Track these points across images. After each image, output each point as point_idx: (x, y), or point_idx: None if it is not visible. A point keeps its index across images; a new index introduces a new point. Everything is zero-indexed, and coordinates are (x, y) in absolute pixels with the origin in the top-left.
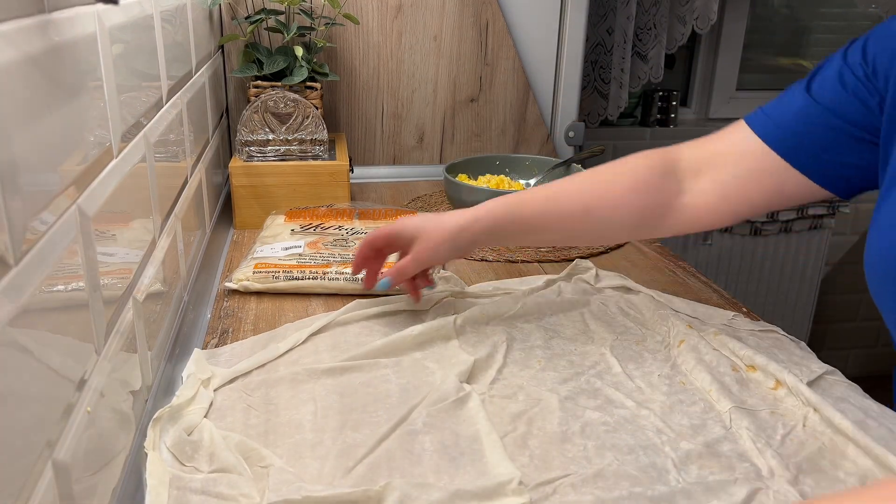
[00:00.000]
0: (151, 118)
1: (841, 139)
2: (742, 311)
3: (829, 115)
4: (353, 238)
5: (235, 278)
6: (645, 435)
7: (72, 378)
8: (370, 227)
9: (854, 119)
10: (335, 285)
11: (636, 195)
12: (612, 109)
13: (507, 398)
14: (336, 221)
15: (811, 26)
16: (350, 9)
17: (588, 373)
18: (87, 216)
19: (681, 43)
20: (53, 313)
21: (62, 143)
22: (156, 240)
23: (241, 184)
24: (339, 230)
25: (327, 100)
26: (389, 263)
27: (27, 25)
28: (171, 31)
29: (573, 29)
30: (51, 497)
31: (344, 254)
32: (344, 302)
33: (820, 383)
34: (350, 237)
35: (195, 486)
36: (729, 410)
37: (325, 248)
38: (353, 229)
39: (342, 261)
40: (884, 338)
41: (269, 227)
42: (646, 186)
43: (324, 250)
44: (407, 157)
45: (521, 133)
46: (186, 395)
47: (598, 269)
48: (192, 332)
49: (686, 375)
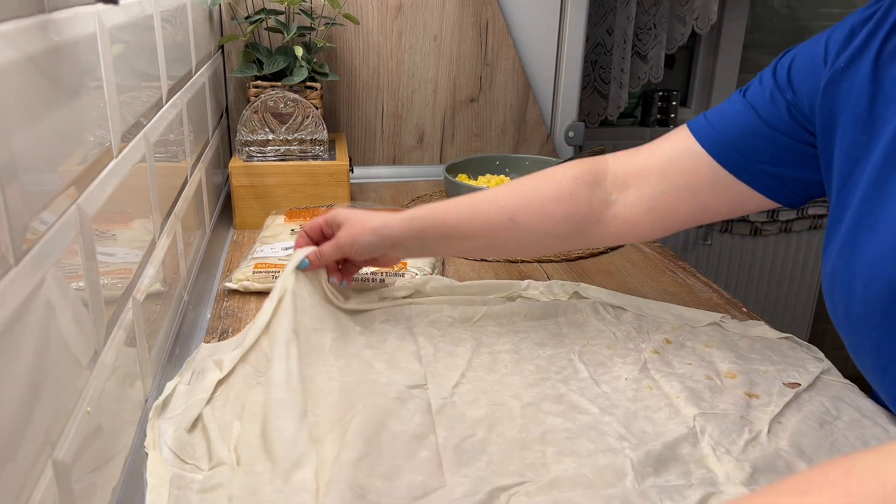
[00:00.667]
0: (151, 118)
1: (778, 150)
2: (742, 311)
3: (765, 125)
4: None
5: (235, 278)
6: (605, 441)
7: (72, 377)
8: None
9: (789, 132)
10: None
11: (560, 205)
12: (612, 109)
13: (469, 403)
14: None
15: (811, 26)
16: (350, 9)
17: (554, 378)
18: (87, 216)
19: (681, 43)
20: (53, 313)
21: (62, 143)
22: (156, 240)
23: (241, 184)
24: None
25: (327, 100)
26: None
27: (27, 25)
28: (171, 31)
29: (573, 29)
30: (51, 497)
31: None
32: None
33: (816, 383)
34: None
35: (195, 485)
36: (694, 416)
37: None
38: None
39: None
40: None
41: (269, 227)
42: (571, 196)
43: None
44: (407, 157)
45: (521, 133)
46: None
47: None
48: (192, 332)
49: (655, 381)
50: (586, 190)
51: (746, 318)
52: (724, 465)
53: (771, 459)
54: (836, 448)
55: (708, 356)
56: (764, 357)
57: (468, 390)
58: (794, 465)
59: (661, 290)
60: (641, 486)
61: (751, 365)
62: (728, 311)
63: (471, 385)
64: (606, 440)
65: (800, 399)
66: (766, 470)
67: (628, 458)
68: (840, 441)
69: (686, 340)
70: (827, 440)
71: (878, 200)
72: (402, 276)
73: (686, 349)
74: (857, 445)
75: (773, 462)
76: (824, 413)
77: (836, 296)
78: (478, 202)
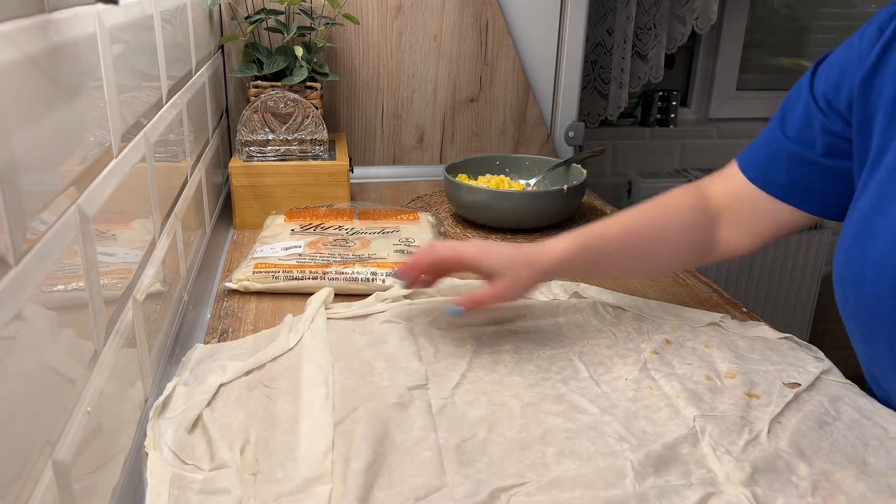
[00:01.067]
0: (151, 118)
1: (817, 172)
2: (742, 311)
3: (799, 148)
4: (353, 238)
5: (235, 278)
6: (605, 441)
7: (72, 378)
8: (370, 227)
9: (824, 151)
10: (335, 285)
11: (690, 234)
12: (612, 109)
13: (470, 403)
14: (336, 221)
15: (811, 26)
16: (350, 9)
17: (554, 378)
18: (87, 216)
19: (681, 43)
20: (53, 313)
21: (62, 143)
22: (156, 240)
23: (241, 184)
24: (339, 230)
25: (327, 100)
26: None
27: (27, 25)
28: (171, 31)
29: (573, 29)
30: (51, 497)
31: (344, 254)
32: (346, 301)
33: (816, 384)
34: (350, 237)
35: (195, 486)
36: (694, 417)
37: (326, 248)
38: (353, 229)
39: (342, 261)
40: None
41: (269, 227)
42: (695, 226)
43: (324, 250)
44: (407, 157)
45: (521, 133)
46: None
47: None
48: (192, 332)
49: (655, 381)
50: (702, 219)
51: (746, 319)
52: (724, 465)
53: (771, 460)
54: (836, 449)
55: (708, 356)
56: (764, 357)
57: (468, 390)
58: (793, 466)
59: (661, 290)
60: (641, 486)
61: (751, 365)
62: (728, 311)
63: (471, 385)
64: (606, 440)
65: (800, 399)
66: (766, 470)
67: (628, 459)
68: (840, 442)
69: (686, 341)
70: (827, 440)
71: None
72: None
73: (686, 349)
74: (857, 446)
75: (773, 462)
76: (824, 413)
77: (848, 284)
78: (622, 233)
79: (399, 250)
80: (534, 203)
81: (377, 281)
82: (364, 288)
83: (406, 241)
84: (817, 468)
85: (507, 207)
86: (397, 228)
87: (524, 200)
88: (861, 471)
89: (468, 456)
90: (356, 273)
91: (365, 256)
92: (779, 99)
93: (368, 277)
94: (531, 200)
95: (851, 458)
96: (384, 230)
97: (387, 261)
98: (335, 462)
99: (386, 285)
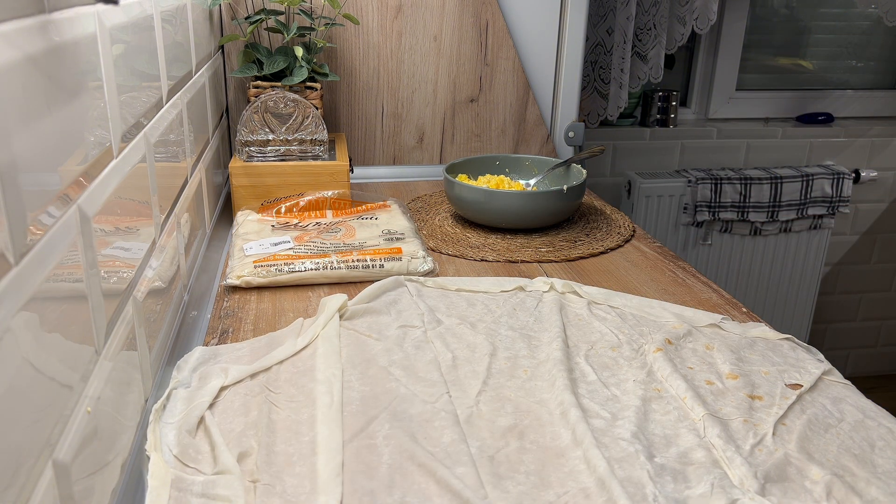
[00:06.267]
0: (151, 118)
1: None
2: (742, 312)
3: None
4: (336, 226)
5: (236, 275)
6: (619, 446)
7: (72, 378)
8: (347, 218)
9: None
10: (337, 274)
11: None
12: (612, 110)
13: (496, 411)
14: (313, 218)
15: (811, 26)
16: (350, 9)
17: (565, 382)
18: (88, 216)
19: (680, 43)
20: (53, 313)
21: (62, 143)
22: (156, 240)
23: (241, 184)
24: (317, 226)
25: (327, 100)
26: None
27: (27, 25)
28: (171, 32)
29: (573, 29)
30: (51, 497)
31: (336, 242)
32: (346, 290)
33: (817, 385)
34: (333, 226)
35: (196, 488)
36: (702, 418)
37: (316, 238)
38: (331, 222)
39: (337, 249)
40: (884, 338)
41: (243, 223)
42: None
43: (316, 239)
44: (407, 157)
45: (521, 133)
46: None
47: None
48: (192, 332)
49: (661, 382)
50: None
51: (746, 319)
52: (735, 467)
53: (781, 466)
54: (845, 450)
55: (709, 357)
56: (764, 358)
57: (492, 398)
58: (805, 471)
59: (661, 290)
60: (663, 495)
61: (751, 366)
62: (728, 311)
63: (494, 392)
64: (619, 445)
65: (802, 401)
66: (779, 479)
67: (644, 466)
68: (847, 444)
69: (686, 341)
70: (834, 443)
71: None
72: (398, 261)
73: (687, 350)
74: (864, 448)
75: (784, 469)
76: (828, 416)
77: None
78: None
79: (388, 238)
80: (534, 203)
81: (376, 266)
82: (365, 275)
83: (388, 230)
84: (828, 472)
85: (507, 207)
86: (374, 216)
87: (524, 200)
88: (872, 473)
89: (504, 467)
90: (357, 260)
91: (357, 245)
92: (779, 99)
93: (369, 265)
94: (531, 200)
95: (861, 460)
96: (361, 218)
97: (380, 248)
98: (352, 475)
99: (385, 270)
